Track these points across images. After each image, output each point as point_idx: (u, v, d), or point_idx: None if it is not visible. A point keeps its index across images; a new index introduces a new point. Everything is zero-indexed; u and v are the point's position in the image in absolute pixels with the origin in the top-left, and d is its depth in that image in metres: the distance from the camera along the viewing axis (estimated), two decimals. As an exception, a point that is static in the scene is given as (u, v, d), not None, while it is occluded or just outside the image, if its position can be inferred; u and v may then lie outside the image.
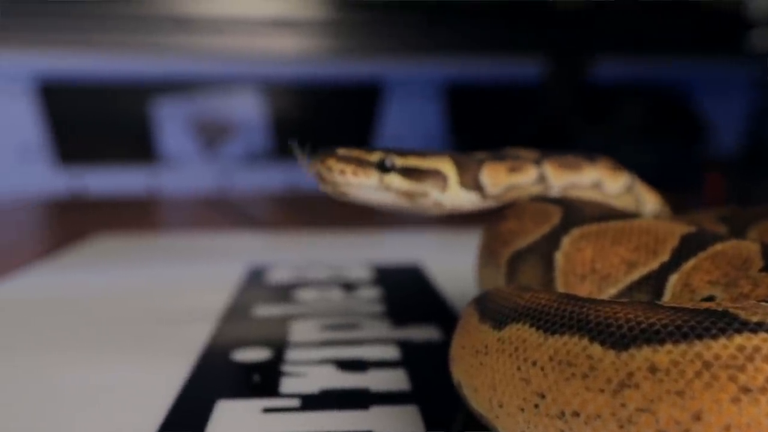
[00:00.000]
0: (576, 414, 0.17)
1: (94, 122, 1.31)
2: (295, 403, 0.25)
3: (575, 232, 0.25)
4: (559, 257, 0.25)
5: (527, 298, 0.20)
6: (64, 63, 1.27)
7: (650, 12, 1.26)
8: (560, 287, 0.25)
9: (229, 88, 1.38)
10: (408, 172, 0.28)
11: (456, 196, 0.29)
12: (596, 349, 0.17)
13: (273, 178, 1.39)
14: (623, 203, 0.32)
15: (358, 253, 0.56)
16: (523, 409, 0.18)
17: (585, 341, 0.17)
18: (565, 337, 0.18)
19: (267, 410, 0.25)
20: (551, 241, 0.26)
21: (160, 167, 1.35)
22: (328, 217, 0.95)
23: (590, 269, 0.24)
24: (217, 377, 0.28)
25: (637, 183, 0.33)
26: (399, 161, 0.28)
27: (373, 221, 0.91)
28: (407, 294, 0.38)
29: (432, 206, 0.29)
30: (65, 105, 1.29)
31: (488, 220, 0.31)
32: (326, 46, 1.38)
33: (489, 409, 0.19)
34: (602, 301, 0.18)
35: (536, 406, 0.18)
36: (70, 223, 0.88)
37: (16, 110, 1.26)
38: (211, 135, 1.39)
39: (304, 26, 1.37)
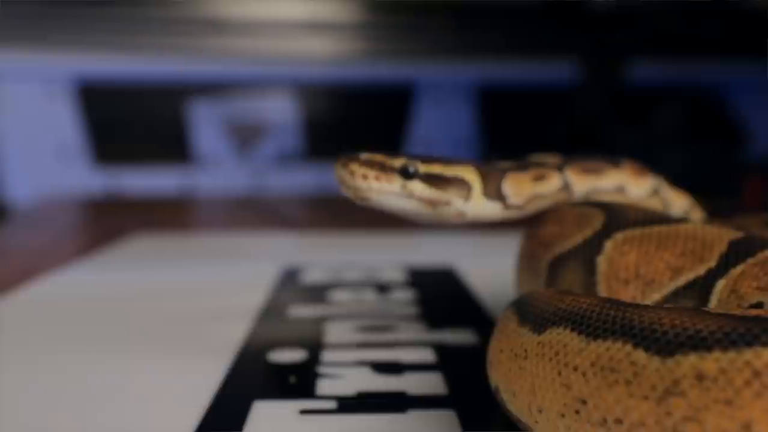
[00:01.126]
0: (619, 421, 0.16)
1: (131, 123, 1.33)
2: (331, 405, 0.25)
3: (618, 236, 0.25)
4: (601, 261, 0.25)
5: (568, 301, 0.20)
6: (102, 65, 1.28)
7: (687, 13, 1.24)
8: (602, 292, 0.25)
9: (262, 90, 1.39)
10: (431, 179, 0.27)
11: (478, 206, 0.29)
12: (640, 355, 0.16)
13: (305, 179, 1.40)
14: (649, 207, 0.32)
15: (392, 255, 0.56)
16: (563, 415, 0.18)
17: (629, 347, 0.17)
18: (608, 343, 0.17)
19: (303, 412, 0.25)
20: (593, 245, 0.25)
21: (195, 167, 1.36)
22: (361, 219, 0.95)
23: (634, 274, 0.24)
24: (253, 378, 0.28)
25: (664, 186, 0.33)
26: (422, 168, 0.27)
27: (407, 223, 0.91)
28: (442, 296, 0.37)
29: (454, 215, 0.29)
30: (103, 106, 1.31)
31: (528, 224, 0.31)
32: (359, 48, 1.38)
33: (528, 414, 0.19)
34: (646, 306, 0.18)
35: (577, 412, 0.17)
36: (107, 221, 0.89)
37: (56, 111, 1.28)
38: (245, 136, 1.39)
39: (337, 29, 1.37)
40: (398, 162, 0.27)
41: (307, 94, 1.42)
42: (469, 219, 0.29)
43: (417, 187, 0.27)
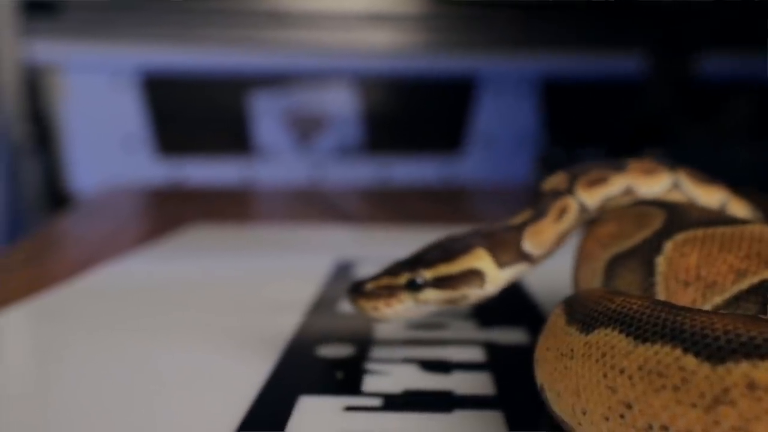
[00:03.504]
0: (665, 428, 0.16)
1: (194, 114, 1.35)
2: (377, 402, 0.25)
3: (679, 236, 0.24)
4: (661, 262, 0.24)
5: (618, 302, 0.19)
6: (167, 57, 1.31)
7: (758, 4, 1.20)
8: (661, 293, 0.24)
9: (323, 82, 1.39)
10: (440, 282, 0.28)
11: (499, 281, 0.29)
12: (690, 360, 0.16)
13: (365, 172, 1.40)
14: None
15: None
16: (607, 418, 0.17)
17: (678, 351, 0.16)
18: (657, 346, 0.17)
19: (349, 408, 0.25)
20: (653, 245, 0.25)
21: (255, 159, 1.37)
22: (418, 213, 0.95)
23: (695, 276, 0.23)
24: (300, 372, 0.28)
25: (685, 181, 0.31)
26: (429, 274, 0.27)
27: (464, 217, 0.91)
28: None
29: (476, 301, 0.29)
30: (167, 97, 1.33)
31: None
32: (420, 40, 1.38)
33: (571, 416, 0.19)
34: (698, 311, 0.17)
35: (622, 416, 0.17)
36: (168, 212, 0.90)
37: (121, 102, 1.31)
38: (305, 128, 1.40)
39: (399, 21, 1.37)
40: (403, 279, 0.27)
41: (368, 86, 1.42)
42: (495, 293, 0.29)
43: (429, 295, 0.28)
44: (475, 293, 0.28)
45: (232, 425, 0.23)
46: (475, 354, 0.30)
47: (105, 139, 1.30)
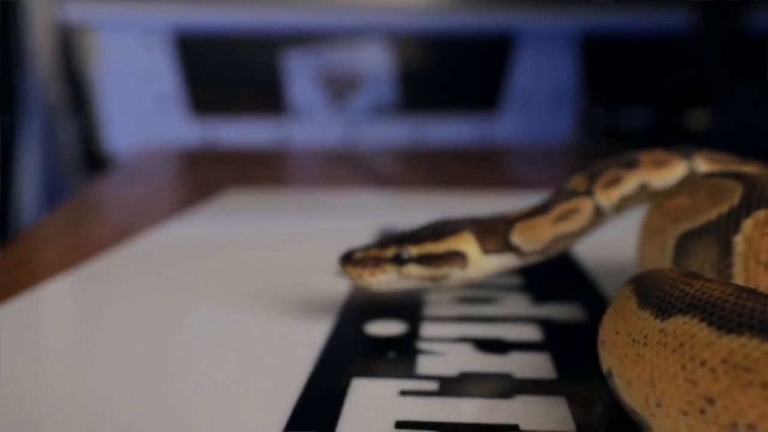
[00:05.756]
0: (752, 427, 0.15)
1: (227, 74, 1.34)
2: (433, 386, 0.24)
3: (760, 214, 0.22)
4: (739, 242, 0.22)
5: (697, 287, 0.18)
6: (199, 16, 1.29)
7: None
8: (738, 275, 0.22)
9: (357, 40, 1.37)
10: (425, 260, 0.29)
11: (480, 267, 0.29)
12: (782, 356, 0.14)
13: (400, 132, 1.38)
14: None
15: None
16: (686, 413, 0.16)
17: (767, 346, 0.15)
18: (743, 339, 0.15)
19: (404, 393, 0.23)
20: (730, 223, 0.23)
21: (289, 119, 1.36)
22: (454, 175, 0.93)
23: (778, 257, 0.22)
24: (351, 351, 0.27)
25: (704, 166, 0.31)
26: (414, 250, 0.29)
27: (501, 180, 0.89)
28: (547, 266, 0.35)
29: (458, 282, 0.30)
30: (200, 57, 1.32)
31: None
32: (457, -4, 1.35)
33: (644, 406, 0.17)
34: (789, 300, 0.16)
35: (702, 411, 0.16)
36: (204, 175, 0.90)
37: (154, 62, 1.30)
38: (339, 87, 1.39)
39: (435, -24, 1.34)
40: (390, 252, 0.28)
41: (403, 44, 1.39)
42: (477, 280, 0.30)
43: (412, 270, 0.29)
44: (456, 274, 0.29)
45: (286, 405, 0.22)
46: (531, 332, 0.29)
47: (139, 100, 1.30)
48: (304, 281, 0.37)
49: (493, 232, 0.30)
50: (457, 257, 0.29)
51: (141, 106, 1.30)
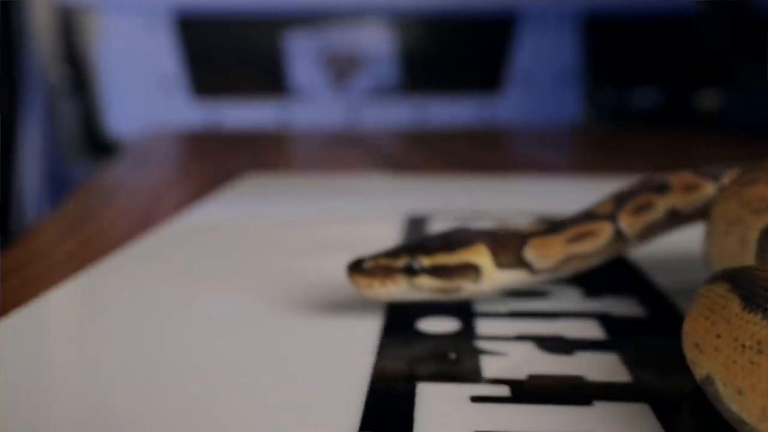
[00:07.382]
0: None
1: (228, 55, 1.32)
2: (504, 391, 0.23)
3: None
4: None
5: None
6: (201, -4, 1.27)
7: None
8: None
9: (358, 20, 1.35)
10: (437, 271, 0.28)
11: (494, 281, 0.29)
12: None
13: (401, 113, 1.37)
14: None
15: (523, 203, 0.53)
16: None
17: None
18: None
19: (475, 399, 0.22)
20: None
21: (291, 100, 1.34)
22: (461, 157, 0.92)
23: None
24: (409, 352, 0.26)
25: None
26: (426, 261, 0.28)
27: (509, 163, 0.88)
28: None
29: (469, 295, 0.29)
30: (201, 38, 1.30)
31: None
32: (459, -26, 1.33)
33: (761, 419, 0.16)
34: None
35: None
36: (212, 158, 0.89)
37: (156, 43, 1.28)
38: (341, 68, 1.37)
39: (438, -46, 1.32)
40: (401, 262, 0.28)
41: (404, 24, 1.38)
42: (489, 294, 0.29)
43: (424, 282, 0.28)
44: (469, 287, 0.28)
45: (352, 409, 0.21)
46: (593, 329, 0.28)
47: (140, 81, 1.28)
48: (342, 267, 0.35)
49: (507, 246, 0.29)
50: (470, 270, 0.28)
51: (143, 87, 1.28)
